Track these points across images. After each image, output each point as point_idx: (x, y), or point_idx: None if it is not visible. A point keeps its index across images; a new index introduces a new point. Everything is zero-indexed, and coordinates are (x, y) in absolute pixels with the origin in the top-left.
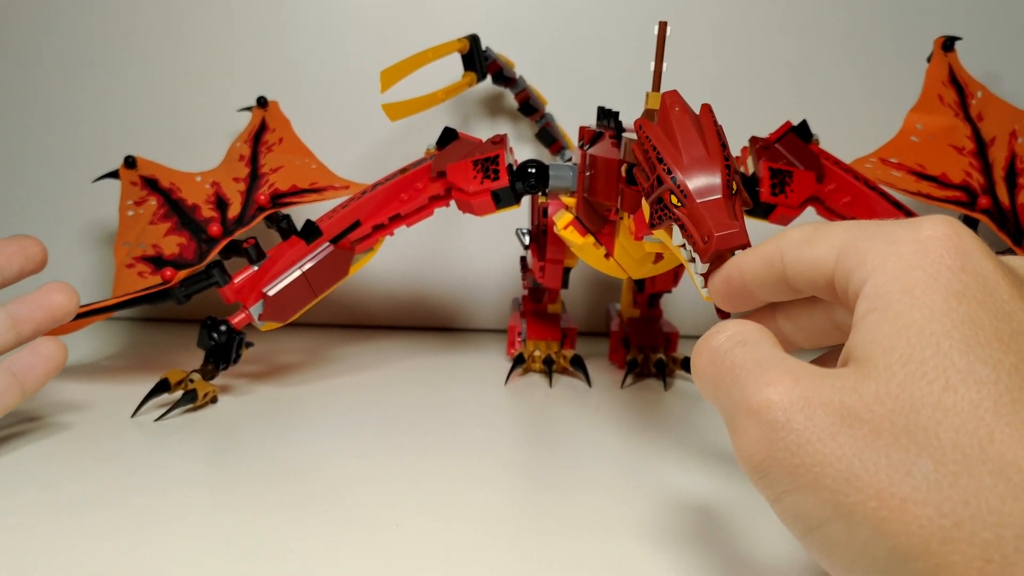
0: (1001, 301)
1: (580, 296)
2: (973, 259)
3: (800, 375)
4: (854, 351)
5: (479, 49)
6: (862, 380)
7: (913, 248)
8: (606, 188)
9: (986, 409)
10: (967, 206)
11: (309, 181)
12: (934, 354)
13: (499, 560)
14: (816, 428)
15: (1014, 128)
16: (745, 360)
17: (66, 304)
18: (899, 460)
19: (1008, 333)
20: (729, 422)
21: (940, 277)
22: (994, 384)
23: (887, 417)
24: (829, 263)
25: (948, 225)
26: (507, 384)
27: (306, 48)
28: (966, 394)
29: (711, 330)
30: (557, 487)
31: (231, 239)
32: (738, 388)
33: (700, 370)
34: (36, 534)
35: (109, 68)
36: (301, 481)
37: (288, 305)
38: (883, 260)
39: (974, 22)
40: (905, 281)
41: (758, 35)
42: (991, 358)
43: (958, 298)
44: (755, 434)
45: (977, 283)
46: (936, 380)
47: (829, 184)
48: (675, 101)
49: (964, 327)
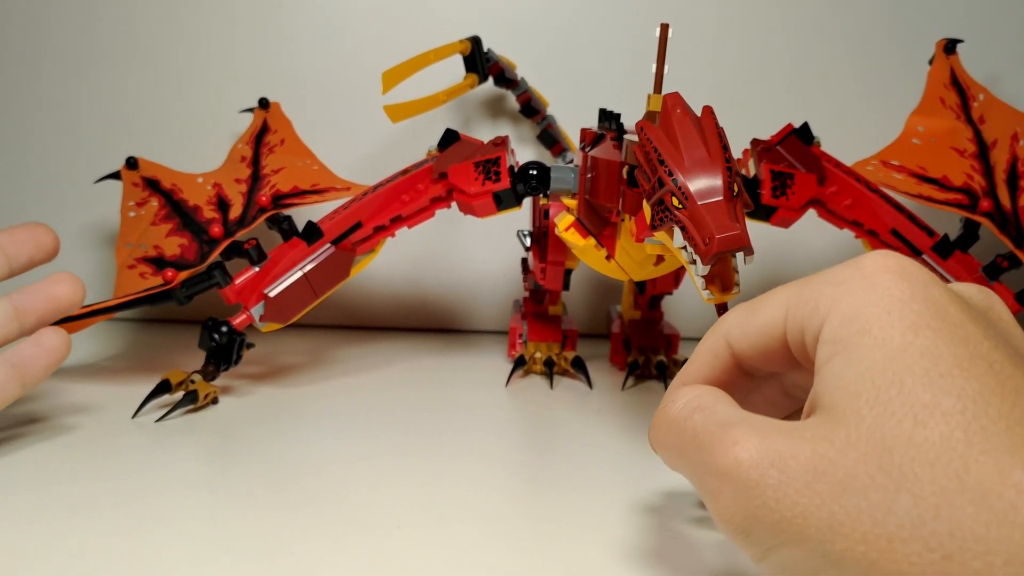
0: (955, 326)
1: (581, 298)
2: (921, 287)
3: (766, 430)
4: (820, 399)
5: (481, 51)
6: (832, 427)
7: (861, 285)
8: (607, 190)
9: (957, 440)
10: (969, 209)
11: (311, 182)
12: (899, 393)
13: (499, 561)
14: (792, 481)
15: (1016, 131)
16: (706, 424)
17: (71, 295)
18: (879, 501)
19: (967, 358)
20: (701, 488)
21: (893, 311)
22: (961, 414)
23: (861, 460)
24: (779, 322)
25: (889, 257)
26: (508, 385)
27: (308, 50)
28: (935, 428)
29: (665, 401)
30: (557, 488)
31: (232, 240)
32: (704, 454)
33: (662, 441)
34: (37, 534)
35: (111, 70)
36: (302, 482)
37: (289, 306)
38: (834, 303)
39: (976, 25)
40: (861, 321)
41: (759, 38)
42: (954, 388)
43: (914, 330)
44: (730, 496)
45: (929, 311)
46: (905, 418)
47: (830, 186)
48: (677, 103)
49: (924, 360)
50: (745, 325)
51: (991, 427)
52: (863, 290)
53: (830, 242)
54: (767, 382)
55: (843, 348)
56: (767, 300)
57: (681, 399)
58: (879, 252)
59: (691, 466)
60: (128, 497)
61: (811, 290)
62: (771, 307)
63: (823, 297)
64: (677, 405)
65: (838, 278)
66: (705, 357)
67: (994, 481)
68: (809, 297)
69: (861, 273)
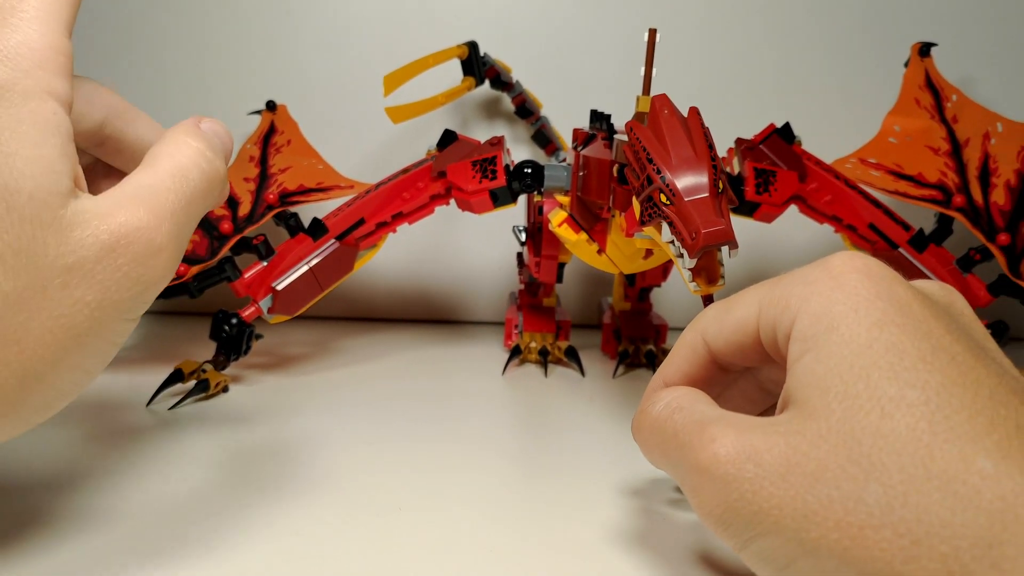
0: (917, 321)
1: (574, 290)
2: (885, 285)
3: (742, 426)
4: (792, 394)
5: (478, 55)
6: (804, 421)
7: (830, 285)
8: (599, 187)
9: (922, 430)
10: (943, 204)
11: (316, 181)
12: (866, 387)
13: (496, 542)
14: (767, 473)
15: (987, 130)
16: (685, 423)
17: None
18: (850, 490)
19: (930, 352)
20: (683, 484)
21: (859, 308)
22: (925, 405)
23: (832, 452)
24: (752, 319)
25: (855, 258)
26: (504, 374)
27: (313, 55)
28: (901, 419)
29: (644, 403)
30: (552, 472)
31: (241, 236)
32: (685, 451)
33: (645, 442)
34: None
35: (120, 73)
36: (307, 466)
37: (296, 299)
38: (804, 301)
39: (949, 29)
40: (829, 319)
41: (743, 42)
42: (918, 380)
43: (879, 326)
44: (710, 490)
45: (893, 308)
46: (872, 410)
47: (811, 183)
48: (664, 104)
49: (889, 354)
50: (720, 322)
51: (954, 417)
52: (831, 289)
53: (811, 236)
54: (744, 378)
55: (813, 345)
56: (741, 298)
57: (661, 400)
58: (847, 253)
59: (673, 464)
60: (141, 479)
61: (782, 289)
62: (745, 305)
63: (793, 296)
64: (658, 406)
65: (808, 278)
66: (683, 353)
67: (958, 468)
68: (780, 296)
69: (829, 273)
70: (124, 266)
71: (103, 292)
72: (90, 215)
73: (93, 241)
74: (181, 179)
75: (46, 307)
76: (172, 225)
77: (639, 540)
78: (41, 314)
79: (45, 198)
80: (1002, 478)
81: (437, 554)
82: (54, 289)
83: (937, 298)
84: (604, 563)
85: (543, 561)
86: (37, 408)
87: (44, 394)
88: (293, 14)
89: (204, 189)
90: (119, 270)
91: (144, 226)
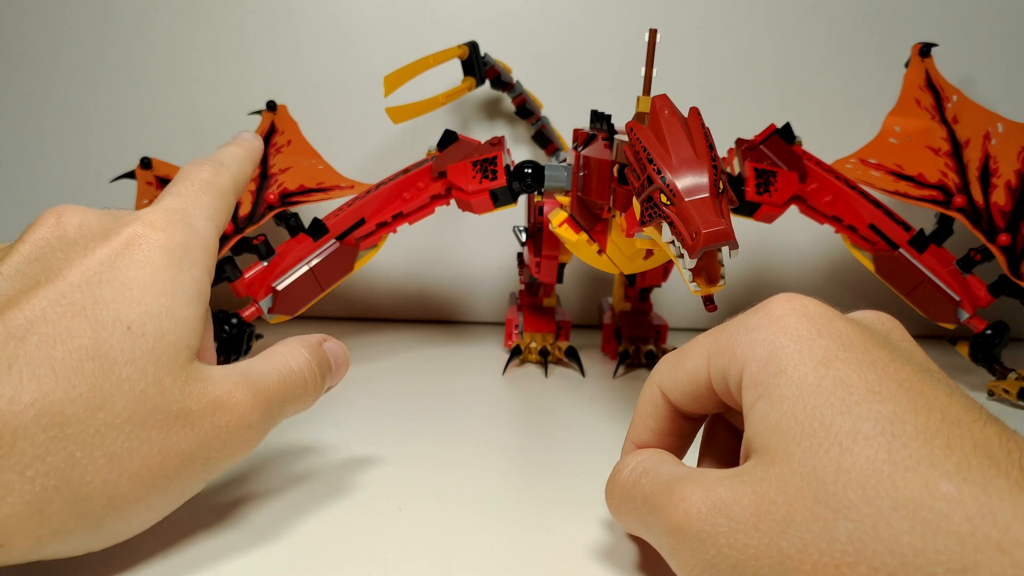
0: (861, 353)
1: (574, 290)
2: (825, 322)
3: (708, 481)
4: (752, 442)
5: (478, 55)
6: (767, 468)
7: (772, 329)
8: (599, 187)
9: (882, 461)
10: (943, 205)
11: (316, 181)
12: (821, 425)
13: (496, 540)
14: (739, 525)
15: (987, 130)
16: (653, 486)
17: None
18: (821, 531)
19: (877, 381)
20: (660, 548)
21: (803, 349)
22: (881, 436)
23: (798, 495)
24: (702, 370)
25: (793, 299)
26: (505, 374)
27: (314, 55)
28: (860, 452)
29: (614, 471)
30: (552, 471)
31: (242, 236)
32: (656, 514)
33: (617, 509)
34: None
35: (125, 73)
36: (306, 466)
37: (296, 299)
38: (749, 347)
39: (950, 29)
40: (776, 363)
41: (744, 43)
42: (871, 412)
43: (825, 364)
44: (686, 550)
45: (836, 343)
46: (831, 448)
47: (811, 184)
48: (664, 104)
49: (838, 390)
50: (674, 376)
51: (911, 444)
52: (774, 333)
53: (811, 237)
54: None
55: (764, 391)
56: (691, 349)
57: (627, 466)
58: (783, 296)
59: (647, 527)
60: None
61: (727, 337)
62: (694, 356)
63: (739, 344)
64: (624, 473)
65: (750, 324)
66: (647, 409)
67: (923, 495)
68: (726, 344)
69: (770, 317)
70: (220, 428)
71: (198, 445)
72: (206, 376)
73: (203, 396)
74: (286, 378)
75: (152, 441)
76: (265, 412)
77: (639, 539)
78: (145, 447)
79: (179, 348)
80: (966, 500)
81: (437, 554)
82: (162, 428)
83: (876, 328)
84: (604, 563)
85: (543, 561)
86: (106, 534)
87: (117, 522)
88: (293, 14)
89: (297, 395)
90: (216, 429)
91: (245, 401)
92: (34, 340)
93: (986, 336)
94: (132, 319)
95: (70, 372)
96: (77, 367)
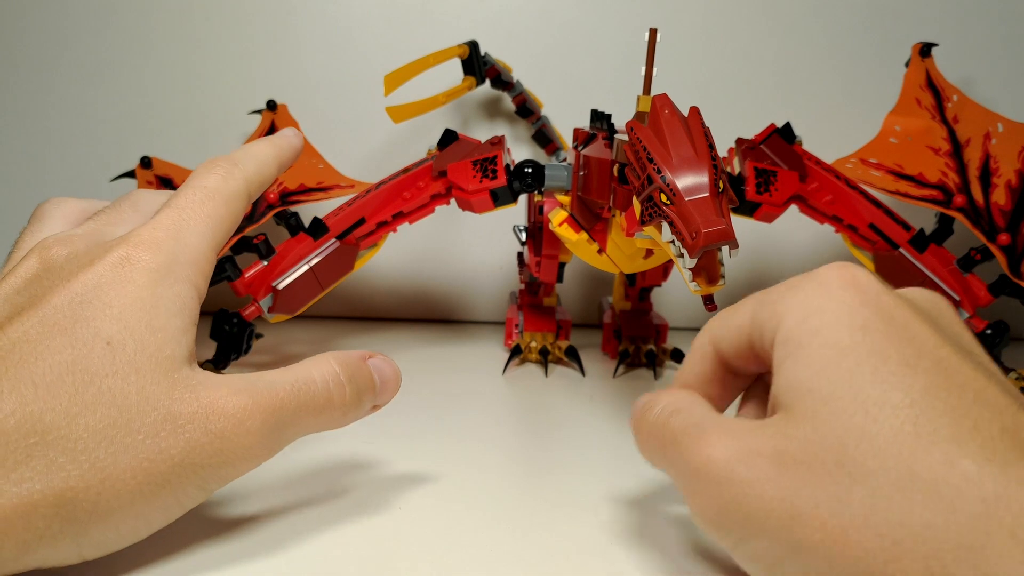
0: (901, 327)
1: (574, 290)
2: (871, 294)
3: (735, 430)
4: (779, 397)
5: (478, 55)
6: (791, 424)
7: (816, 292)
8: (599, 187)
9: (907, 433)
10: (943, 204)
11: (316, 180)
12: (849, 389)
13: (496, 540)
14: (757, 476)
15: (988, 130)
16: (682, 426)
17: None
18: (835, 493)
19: (913, 356)
20: (680, 485)
21: (842, 315)
22: (909, 408)
23: (818, 455)
24: (746, 325)
25: (843, 268)
26: (505, 373)
27: (314, 54)
28: (886, 422)
29: (645, 406)
30: (552, 471)
31: (242, 235)
32: (681, 453)
33: (643, 443)
34: None
35: (126, 72)
36: (306, 466)
37: (296, 298)
38: (789, 308)
39: (950, 29)
40: (812, 323)
41: (744, 42)
42: (902, 383)
43: (863, 331)
44: (704, 493)
45: (877, 315)
46: (856, 413)
47: (812, 183)
48: (665, 104)
49: (872, 358)
50: (725, 326)
51: (939, 420)
52: (817, 296)
53: (811, 236)
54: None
55: (795, 349)
56: (740, 305)
57: (660, 403)
58: (838, 264)
59: (670, 464)
60: None
61: (772, 296)
62: (743, 310)
63: (780, 303)
64: (655, 409)
65: (795, 285)
66: (696, 355)
67: (942, 471)
68: (770, 301)
69: (817, 281)
70: (213, 433)
71: (187, 450)
72: (197, 383)
73: (192, 401)
74: (302, 387)
75: (137, 447)
76: (269, 419)
77: (639, 539)
78: (130, 452)
79: (160, 357)
80: (984, 480)
81: (437, 554)
82: (148, 433)
83: (923, 305)
84: (604, 562)
85: (543, 561)
86: (96, 542)
87: (105, 529)
88: (294, 14)
89: (318, 407)
90: (208, 435)
91: (241, 406)
92: (15, 359)
93: (986, 336)
94: (112, 334)
95: (50, 385)
96: (57, 380)
